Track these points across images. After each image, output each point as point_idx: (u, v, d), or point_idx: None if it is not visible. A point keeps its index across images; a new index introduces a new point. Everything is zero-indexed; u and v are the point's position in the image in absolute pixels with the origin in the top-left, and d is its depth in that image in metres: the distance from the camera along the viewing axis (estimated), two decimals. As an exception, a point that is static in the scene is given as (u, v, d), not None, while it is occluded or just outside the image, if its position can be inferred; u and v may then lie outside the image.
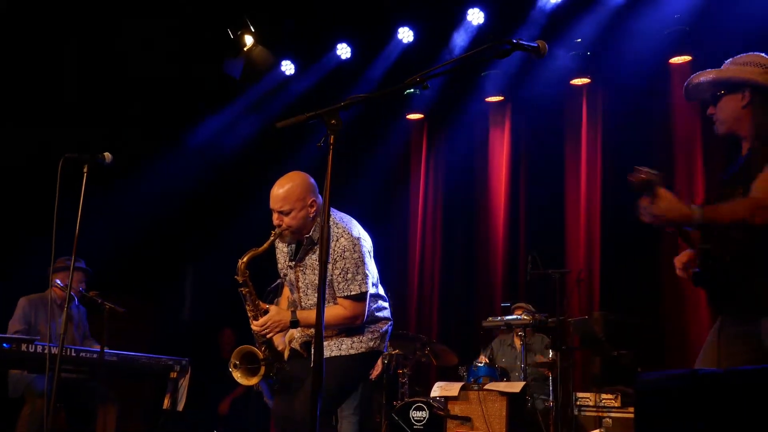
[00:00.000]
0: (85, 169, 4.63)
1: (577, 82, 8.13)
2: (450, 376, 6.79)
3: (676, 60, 7.55)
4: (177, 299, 9.45)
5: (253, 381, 3.97)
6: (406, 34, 8.10)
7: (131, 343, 6.67)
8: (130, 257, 8.38)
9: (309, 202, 3.86)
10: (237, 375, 3.96)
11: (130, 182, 7.89)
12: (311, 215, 3.87)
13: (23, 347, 5.55)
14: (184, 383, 6.40)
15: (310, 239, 3.90)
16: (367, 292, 3.88)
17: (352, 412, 6.12)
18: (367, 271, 3.88)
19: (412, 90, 8.58)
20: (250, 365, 3.96)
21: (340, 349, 3.90)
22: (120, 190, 7.68)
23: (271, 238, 3.88)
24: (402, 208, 9.31)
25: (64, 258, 6.11)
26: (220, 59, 8.43)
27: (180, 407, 6.38)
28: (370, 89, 8.30)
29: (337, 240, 3.84)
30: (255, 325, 3.89)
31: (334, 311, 3.84)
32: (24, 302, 6.35)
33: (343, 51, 8.43)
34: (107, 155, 4.68)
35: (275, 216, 3.87)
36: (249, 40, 8.34)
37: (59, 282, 6.23)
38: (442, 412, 6.06)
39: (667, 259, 5.76)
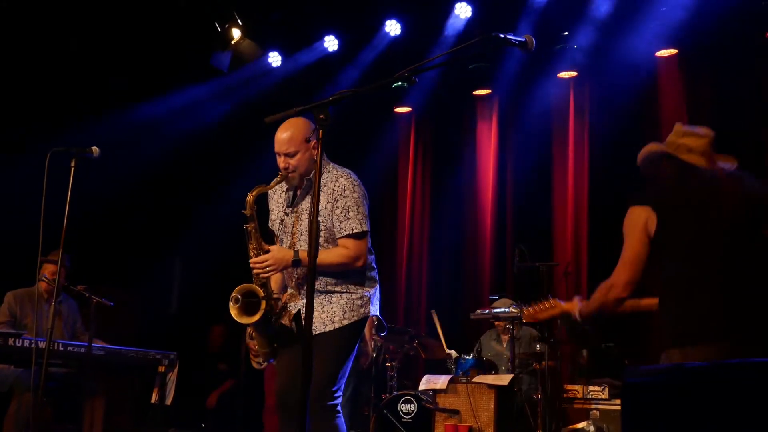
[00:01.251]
0: (72, 163, 4.63)
1: (564, 75, 8.15)
2: (438, 369, 6.81)
3: (663, 53, 7.59)
4: (165, 292, 9.43)
5: (252, 319, 3.82)
6: (393, 27, 8.09)
7: (119, 337, 6.66)
8: (116, 249, 8.36)
9: (312, 144, 3.90)
10: (235, 312, 3.81)
11: (113, 170, 7.86)
12: (314, 157, 3.88)
13: (10, 341, 5.53)
14: (172, 377, 6.39)
15: (310, 182, 3.92)
16: (368, 231, 3.90)
17: (343, 403, 6.14)
18: (366, 212, 3.92)
19: (400, 84, 8.55)
20: (251, 299, 3.84)
21: (333, 323, 3.87)
22: (103, 179, 7.64)
23: (278, 178, 3.93)
24: (390, 201, 9.32)
25: (54, 252, 6.08)
26: (207, 46, 8.40)
27: (168, 401, 6.38)
28: (357, 82, 8.29)
29: (337, 180, 3.92)
30: (256, 262, 3.83)
31: (336, 251, 3.86)
32: (9, 297, 6.34)
33: (331, 43, 8.41)
34: (95, 149, 4.68)
35: (281, 159, 3.91)
36: (236, 33, 8.31)
37: (46, 276, 6.21)
38: (430, 405, 6.08)
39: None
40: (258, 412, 7.09)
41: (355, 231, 3.86)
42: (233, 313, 3.84)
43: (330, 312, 3.90)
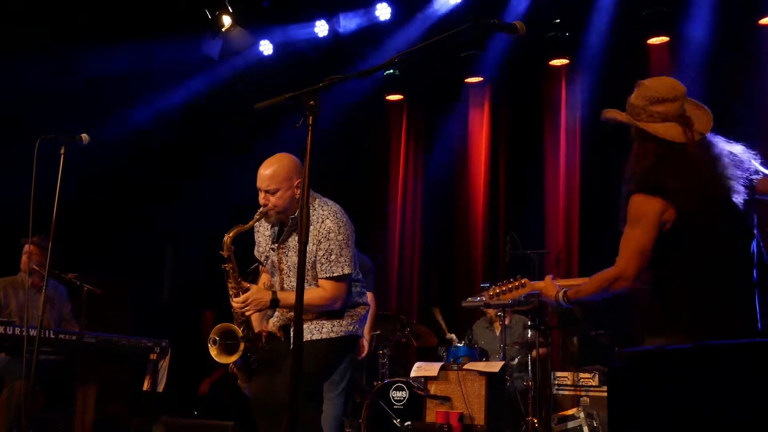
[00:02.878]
0: (62, 151, 4.61)
1: (556, 63, 8.15)
2: (430, 357, 6.82)
3: (654, 41, 7.59)
4: (156, 280, 9.41)
5: (231, 359, 3.91)
6: (383, 11, 8.07)
7: (110, 325, 6.65)
8: (107, 237, 8.34)
9: (295, 183, 3.87)
10: (214, 352, 3.90)
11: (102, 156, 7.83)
12: (297, 196, 3.87)
13: (0, 330, 5.52)
14: (163, 365, 6.39)
15: (295, 220, 3.91)
16: (349, 274, 3.90)
17: (337, 393, 6.15)
18: (350, 253, 3.90)
19: (391, 71, 8.57)
20: (229, 341, 3.92)
21: (320, 333, 3.92)
22: (93, 165, 7.62)
23: (257, 216, 3.91)
24: (381, 189, 9.31)
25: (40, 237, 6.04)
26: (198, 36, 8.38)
27: (160, 389, 6.38)
28: (349, 68, 8.26)
29: (323, 222, 3.87)
30: (235, 302, 3.87)
31: (314, 293, 3.86)
32: None
33: (321, 29, 8.38)
34: (84, 136, 4.66)
35: (262, 195, 3.89)
36: (227, 20, 8.28)
37: (36, 265, 6.18)
38: (422, 392, 6.09)
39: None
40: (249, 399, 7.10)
41: (335, 274, 3.86)
42: (213, 353, 3.93)
43: (319, 324, 3.94)
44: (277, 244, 4.01)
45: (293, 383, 2.72)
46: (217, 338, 3.91)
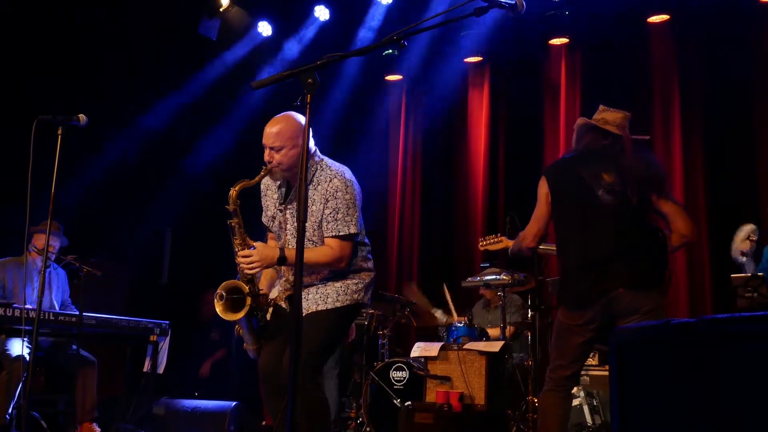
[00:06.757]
0: (59, 132, 4.58)
1: (556, 41, 8.11)
2: (430, 337, 6.83)
3: (654, 19, 7.55)
4: (155, 262, 9.40)
5: (237, 316, 3.85)
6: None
7: (110, 307, 6.65)
8: (106, 218, 8.34)
9: (300, 142, 3.82)
10: (220, 308, 3.84)
11: (104, 139, 7.83)
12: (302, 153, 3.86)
13: (0, 311, 5.52)
14: (164, 346, 6.40)
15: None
16: (355, 234, 3.89)
17: (333, 365, 6.13)
18: (357, 212, 3.90)
19: (390, 51, 8.53)
20: (235, 296, 3.87)
21: (326, 303, 3.88)
22: (94, 148, 7.60)
23: (262, 173, 3.88)
24: (381, 169, 9.28)
25: (45, 222, 6.03)
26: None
27: (160, 370, 6.40)
28: (348, 50, 8.23)
29: (330, 181, 3.86)
30: (241, 258, 3.82)
31: (320, 250, 3.85)
32: None
33: (321, 13, 8.33)
34: (81, 117, 4.63)
35: (267, 152, 3.87)
36: (225, 0, 8.23)
37: (35, 246, 6.18)
38: (422, 372, 6.10)
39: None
40: (250, 380, 7.12)
41: (341, 233, 3.84)
42: (218, 309, 3.86)
43: (324, 293, 3.90)
44: (284, 205, 4.01)
45: (293, 354, 2.72)
46: (224, 293, 3.87)
